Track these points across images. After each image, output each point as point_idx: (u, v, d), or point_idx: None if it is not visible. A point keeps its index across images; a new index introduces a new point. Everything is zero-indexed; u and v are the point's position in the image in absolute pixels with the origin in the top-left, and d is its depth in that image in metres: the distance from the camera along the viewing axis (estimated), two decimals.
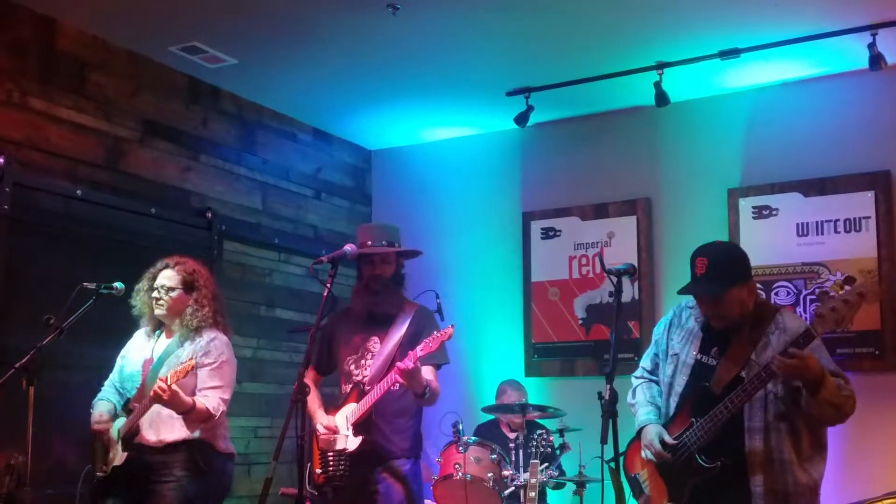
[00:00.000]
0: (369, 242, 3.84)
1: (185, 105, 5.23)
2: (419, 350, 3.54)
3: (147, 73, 4.98)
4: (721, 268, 3.24)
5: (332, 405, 3.93)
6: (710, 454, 3.21)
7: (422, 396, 3.72)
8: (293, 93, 5.52)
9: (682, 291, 3.34)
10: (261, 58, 4.97)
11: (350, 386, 3.87)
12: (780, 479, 3.14)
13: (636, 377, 3.62)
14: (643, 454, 3.41)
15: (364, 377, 3.83)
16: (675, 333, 3.48)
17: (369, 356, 3.87)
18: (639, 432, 3.46)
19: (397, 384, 3.63)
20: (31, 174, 4.33)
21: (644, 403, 3.52)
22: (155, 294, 3.79)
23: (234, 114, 5.55)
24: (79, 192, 4.52)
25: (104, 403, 3.87)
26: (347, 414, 3.78)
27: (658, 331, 3.58)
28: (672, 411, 3.40)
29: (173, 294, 3.79)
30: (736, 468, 3.19)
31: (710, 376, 3.28)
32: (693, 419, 3.27)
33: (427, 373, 3.75)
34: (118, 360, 3.95)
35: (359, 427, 3.73)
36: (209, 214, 5.22)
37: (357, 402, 3.78)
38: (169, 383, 3.45)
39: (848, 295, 3.07)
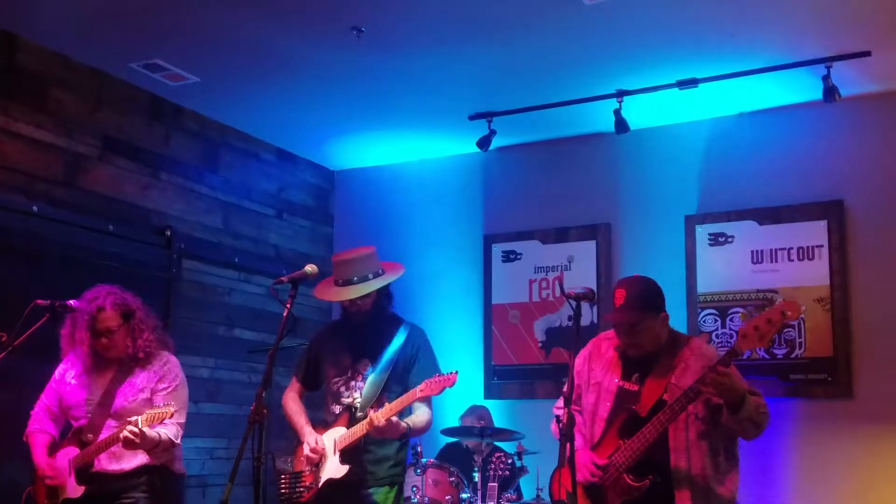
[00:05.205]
0: (340, 281, 3.71)
1: (147, 122, 5.19)
2: (419, 391, 3.50)
3: (108, 89, 4.94)
4: (637, 300, 3.46)
5: (318, 424, 3.82)
6: (637, 473, 3.36)
7: (400, 440, 3.70)
8: (257, 112, 5.51)
9: (607, 317, 3.58)
10: (224, 77, 4.96)
11: (340, 408, 3.77)
12: (702, 494, 3.32)
13: (558, 408, 3.62)
14: (578, 476, 3.46)
15: (355, 400, 3.73)
16: (595, 364, 3.66)
17: (360, 378, 3.76)
18: (569, 459, 3.49)
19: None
20: None
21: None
22: (103, 340, 3.68)
23: (197, 132, 5.52)
24: (35, 208, 4.46)
25: (43, 438, 3.75)
26: (336, 437, 3.67)
27: (578, 362, 3.72)
28: (598, 436, 3.52)
29: (117, 332, 3.69)
30: (663, 485, 3.34)
31: (633, 401, 3.45)
32: (621, 441, 3.40)
33: (419, 412, 3.70)
34: (53, 384, 3.81)
35: (345, 454, 3.63)
36: (168, 233, 5.17)
37: (347, 426, 3.67)
38: (140, 427, 3.40)
39: (770, 314, 3.22)
